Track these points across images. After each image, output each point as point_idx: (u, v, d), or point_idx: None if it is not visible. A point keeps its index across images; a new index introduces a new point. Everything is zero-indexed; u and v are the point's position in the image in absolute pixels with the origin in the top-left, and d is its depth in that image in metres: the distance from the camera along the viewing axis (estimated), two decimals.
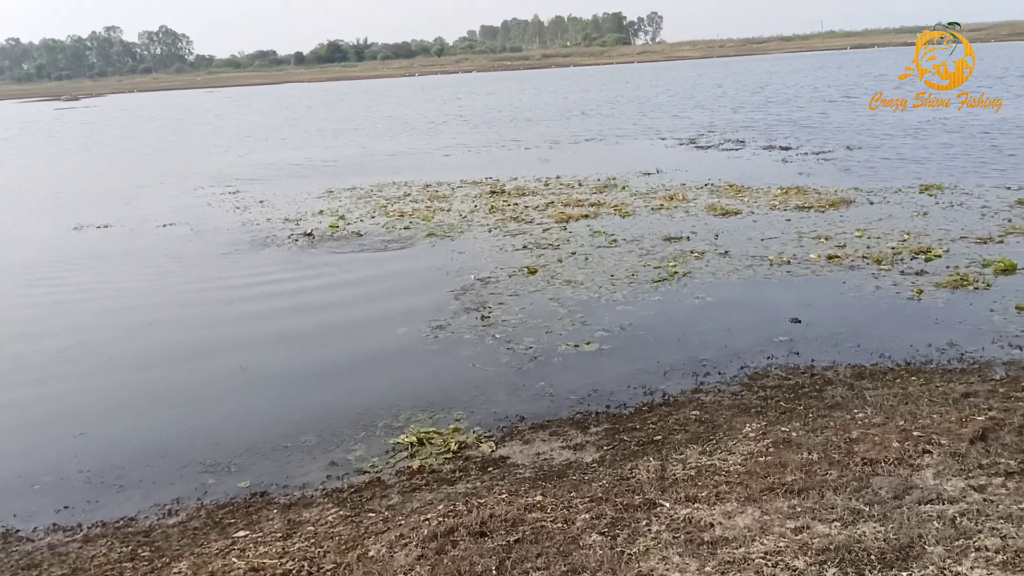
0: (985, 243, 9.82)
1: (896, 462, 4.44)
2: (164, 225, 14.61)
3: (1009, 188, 13.21)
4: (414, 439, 5.72)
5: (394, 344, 7.84)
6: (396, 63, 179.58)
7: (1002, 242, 9.81)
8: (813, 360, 6.64)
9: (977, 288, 8.12)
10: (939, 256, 9.32)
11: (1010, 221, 10.81)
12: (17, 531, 4.85)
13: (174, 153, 30.23)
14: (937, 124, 23.19)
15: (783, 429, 5.20)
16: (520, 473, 5.08)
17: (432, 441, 5.70)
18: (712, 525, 3.93)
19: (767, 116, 29.58)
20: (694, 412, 5.75)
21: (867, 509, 3.92)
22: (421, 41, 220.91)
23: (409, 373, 7.09)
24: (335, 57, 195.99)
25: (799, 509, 4.00)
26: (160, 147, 33.10)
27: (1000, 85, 35.34)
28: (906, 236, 10.34)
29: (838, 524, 3.79)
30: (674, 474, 4.66)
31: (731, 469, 4.64)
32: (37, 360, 7.99)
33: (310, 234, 12.82)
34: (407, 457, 5.52)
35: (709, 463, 4.77)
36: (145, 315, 9.28)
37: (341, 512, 4.70)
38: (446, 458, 5.43)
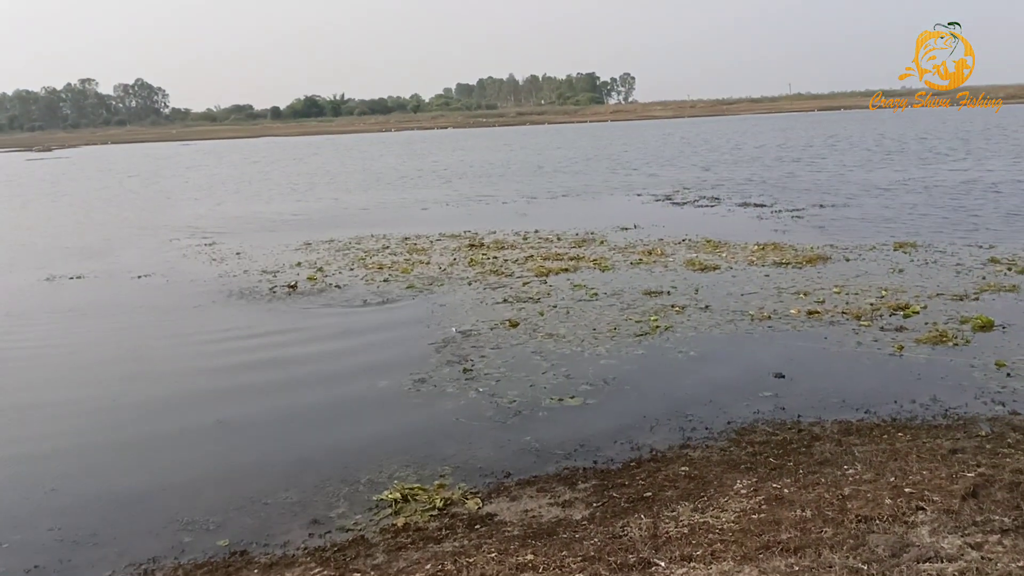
0: (962, 300, 9.96)
1: (891, 519, 4.40)
2: (139, 276, 14.40)
3: (980, 247, 13.47)
4: (398, 495, 5.59)
5: (375, 397, 7.72)
6: (373, 119, 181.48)
7: (977, 299, 9.95)
8: (799, 416, 6.62)
9: (956, 344, 8.20)
10: (917, 312, 9.43)
11: (984, 279, 10.99)
12: None
13: (147, 204, 30.02)
14: (903, 185, 23.76)
15: (775, 486, 5.15)
16: (508, 531, 4.96)
17: (417, 497, 5.57)
18: None
19: (739, 175, 30.11)
20: (683, 468, 5.68)
21: (865, 568, 3.86)
22: (398, 97, 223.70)
23: (391, 427, 6.96)
24: (312, 112, 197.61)
25: (796, 568, 3.93)
26: (133, 198, 32.88)
27: (964, 147, 36.44)
28: (884, 292, 10.47)
29: None
30: (667, 532, 4.58)
31: (725, 527, 4.56)
32: (5, 414, 7.74)
33: (294, 286, 12.68)
34: (391, 514, 5.38)
35: (702, 520, 4.70)
36: (120, 368, 9.08)
37: (325, 572, 4.55)
38: (431, 515, 5.30)
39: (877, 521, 4.38)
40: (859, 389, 7.17)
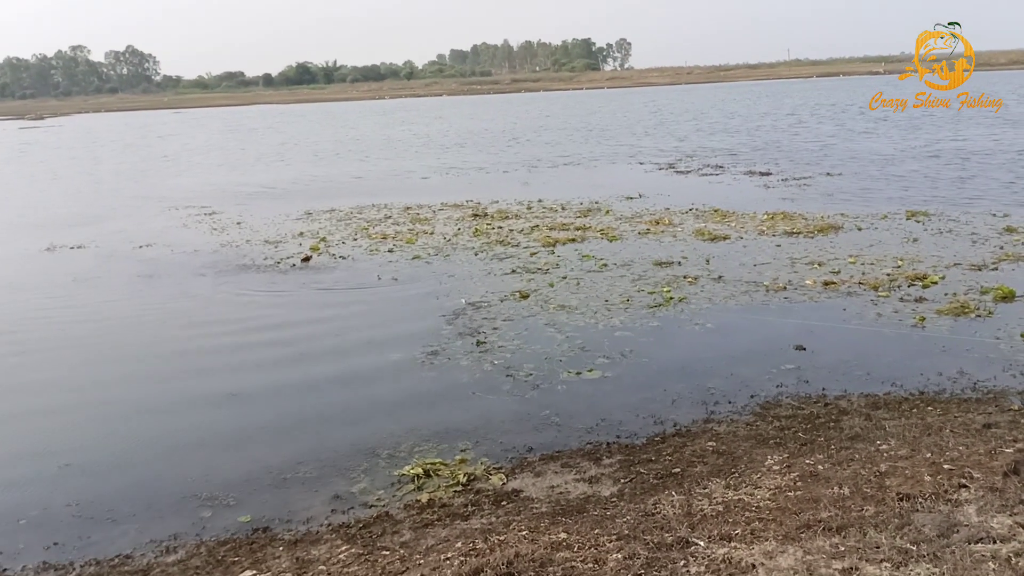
0: (980, 270, 9.83)
1: (933, 497, 4.28)
2: (140, 246, 14.17)
3: (994, 215, 13.33)
4: (420, 471, 5.47)
5: (389, 370, 7.57)
6: (365, 86, 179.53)
7: (996, 269, 9.82)
8: (824, 389, 6.50)
9: (979, 316, 8.07)
10: (935, 283, 9.30)
11: (1002, 248, 10.86)
12: (4, 570, 4.50)
13: (144, 174, 29.63)
14: (910, 152, 23.57)
15: (807, 462, 5.03)
16: (536, 508, 4.84)
17: (439, 473, 5.45)
18: (754, 566, 3.72)
19: (742, 142, 29.84)
20: (710, 443, 5.56)
21: (915, 548, 3.74)
22: (391, 64, 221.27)
23: (407, 401, 6.83)
24: (304, 79, 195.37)
25: (842, 548, 3.82)
26: (129, 168, 32.46)
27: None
28: (900, 262, 10.33)
29: (888, 565, 3.61)
30: (701, 510, 4.46)
31: (761, 504, 4.45)
32: (15, 388, 7.60)
33: (307, 259, 12.44)
34: (414, 490, 5.26)
35: (736, 498, 4.58)
36: (129, 340, 8.95)
37: (352, 550, 4.43)
38: (455, 491, 5.18)
39: (920, 499, 4.26)
40: (883, 362, 7.05)
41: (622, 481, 5.10)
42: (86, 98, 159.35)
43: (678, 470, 5.16)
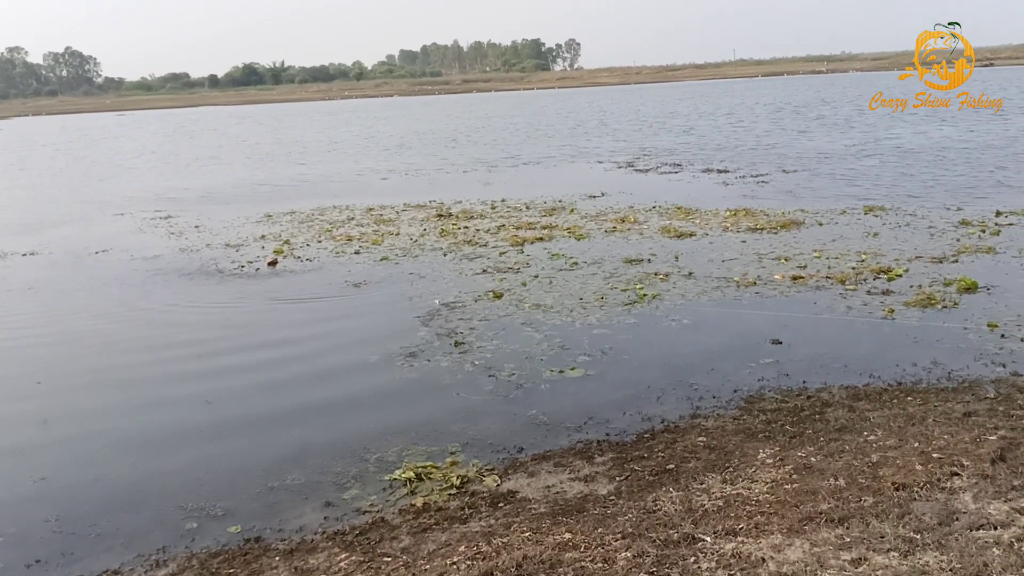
0: (941, 262, 10.08)
1: (928, 486, 4.37)
2: (96, 252, 13.77)
3: (948, 208, 13.71)
4: (411, 474, 5.40)
5: (369, 374, 7.47)
6: (314, 87, 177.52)
7: (957, 261, 10.09)
8: (805, 382, 6.60)
9: (946, 307, 8.28)
10: (899, 276, 9.51)
11: (959, 241, 11.16)
12: None
13: (90, 177, 28.86)
14: (857, 148, 24.13)
15: (799, 455, 5.09)
16: (534, 508, 4.81)
17: (431, 476, 5.39)
18: (764, 560, 3.75)
19: (696, 140, 30.22)
20: (700, 439, 5.60)
21: (919, 537, 3.81)
22: (339, 65, 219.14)
23: (390, 404, 6.74)
24: (251, 80, 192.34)
25: (848, 540, 3.87)
26: (75, 172, 31.60)
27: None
28: (863, 256, 10.55)
29: (896, 554, 3.67)
30: (702, 505, 4.48)
31: (760, 498, 4.49)
32: None
33: (273, 263, 12.20)
34: (407, 494, 5.19)
35: (735, 492, 4.61)
36: (96, 349, 8.65)
37: (352, 558, 4.35)
38: (450, 494, 5.12)
39: (915, 488, 4.34)
40: (858, 354, 7.18)
41: (618, 479, 5.09)
42: (24, 101, 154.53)
43: (672, 466, 5.18)
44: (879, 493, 4.35)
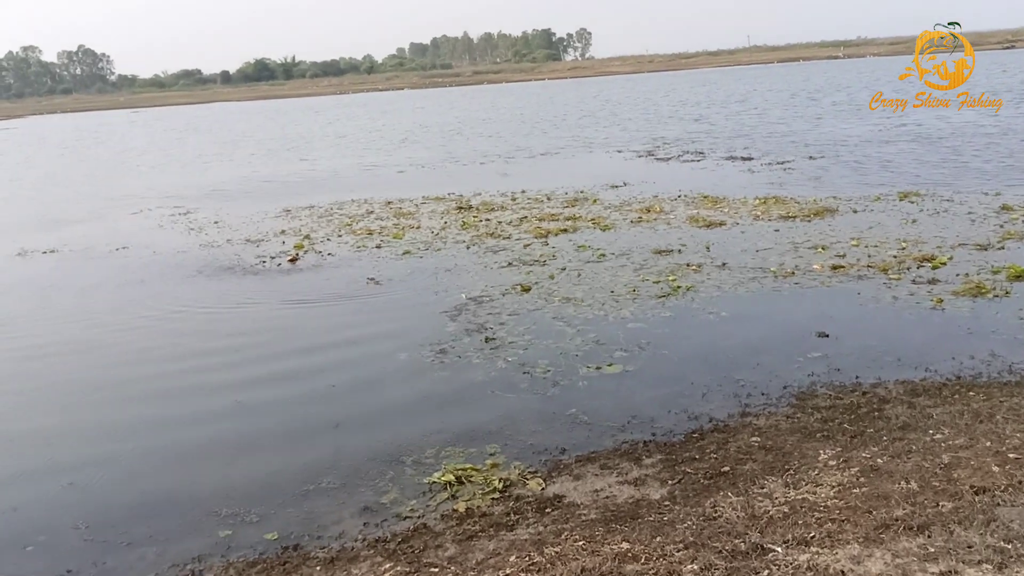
0: (986, 249, 9.73)
1: (1010, 489, 4.08)
2: (117, 249, 13.60)
3: (986, 194, 13.30)
4: (451, 477, 5.16)
5: (399, 370, 7.24)
6: (326, 81, 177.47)
7: (1003, 248, 9.73)
8: (858, 377, 6.30)
9: (996, 296, 7.94)
10: (944, 264, 9.17)
11: (1002, 227, 10.79)
12: None
13: (110, 174, 28.78)
14: (879, 133, 23.67)
15: (863, 455, 4.81)
16: (584, 515, 4.56)
17: (472, 479, 5.14)
18: (844, 573, 3.48)
19: (713, 128, 29.76)
20: (754, 439, 5.32)
21: (1011, 547, 3.53)
22: (350, 59, 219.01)
23: (423, 403, 6.50)
24: (262, 76, 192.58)
25: (932, 550, 3.59)
26: (95, 169, 31.55)
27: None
28: (904, 244, 10.20)
29: (989, 567, 3.39)
30: (766, 511, 4.21)
31: (828, 504, 4.21)
32: (2, 403, 7.13)
33: (294, 260, 11.98)
34: (448, 498, 4.95)
35: (799, 497, 4.34)
36: (121, 349, 8.44)
37: (397, 568, 4.11)
38: (493, 499, 4.88)
39: (996, 492, 4.06)
40: (911, 346, 6.87)
41: (670, 483, 4.83)
42: (39, 99, 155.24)
43: (727, 468, 4.91)
44: (958, 497, 4.07)
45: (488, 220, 14.09)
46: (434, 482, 5.14)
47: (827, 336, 7.24)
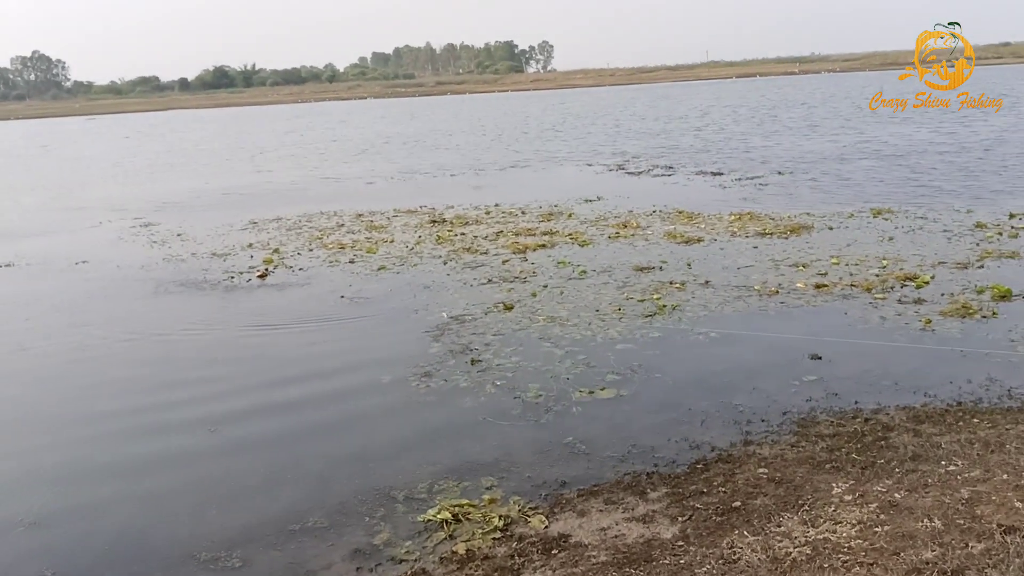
0: (966, 268, 9.74)
1: None
2: (77, 263, 13.06)
3: (958, 211, 13.42)
4: (447, 515, 4.88)
5: (383, 398, 6.93)
6: (287, 89, 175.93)
7: (982, 267, 9.75)
8: (857, 403, 6.16)
9: (984, 317, 7.91)
10: (927, 283, 9.14)
11: (979, 245, 10.84)
12: None
13: (65, 184, 27.96)
14: (846, 149, 23.99)
15: (879, 489, 4.64)
16: (594, 556, 4.32)
17: (469, 517, 4.87)
18: None
19: (682, 142, 29.92)
20: (761, 470, 5.13)
21: None
22: (311, 67, 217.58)
23: (411, 432, 6.21)
24: (221, 83, 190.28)
25: None
26: (49, 178, 30.62)
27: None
28: (884, 262, 10.18)
29: None
30: (788, 553, 4.02)
31: (852, 544, 4.03)
32: None
33: (264, 275, 11.57)
34: (446, 538, 4.67)
35: (820, 537, 4.15)
36: (85, 375, 7.98)
37: None
38: (494, 538, 4.61)
39: None
40: (906, 370, 6.77)
41: (680, 520, 4.61)
42: None
43: (738, 503, 4.71)
44: (987, 537, 3.91)
45: (463, 234, 13.84)
46: (429, 520, 4.86)
47: (820, 358, 7.12)
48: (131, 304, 10.40)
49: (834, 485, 4.77)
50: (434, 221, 15.38)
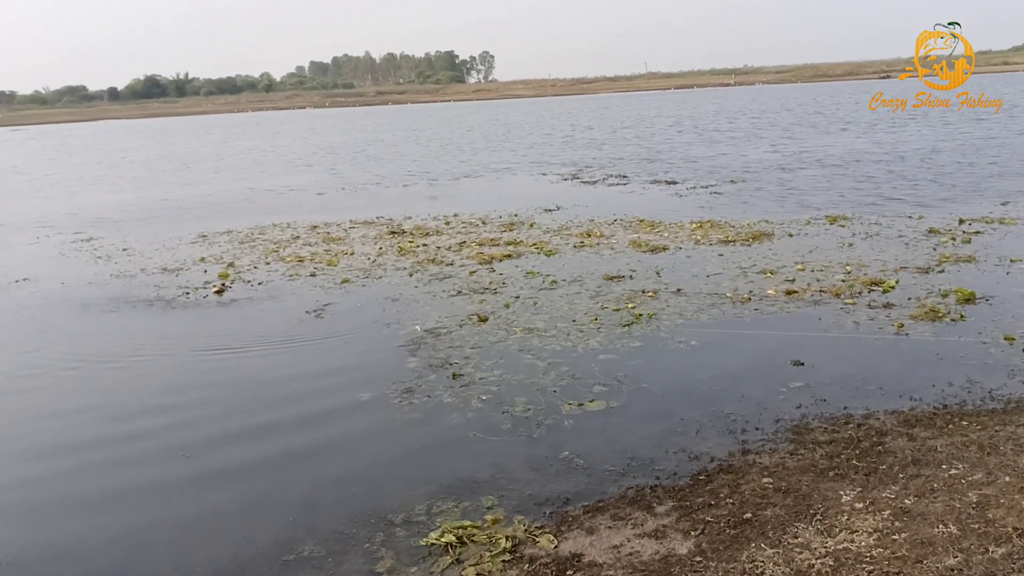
0: (927, 272, 9.96)
1: None
2: (16, 281, 12.45)
3: (910, 217, 13.79)
4: (452, 538, 4.72)
5: (365, 416, 6.71)
6: (222, 99, 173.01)
7: (943, 271, 9.99)
8: (846, 408, 6.20)
9: (953, 320, 8.07)
10: (893, 288, 9.32)
11: (935, 250, 11.13)
12: None
13: None
14: (789, 158, 24.58)
15: (887, 496, 4.65)
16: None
17: (474, 539, 4.72)
18: None
19: (632, 152, 30.22)
20: (765, 479, 5.10)
21: None
22: (247, 76, 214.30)
23: (400, 452, 6.01)
24: (153, 93, 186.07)
25: None
26: None
27: (824, 121, 38.19)
28: (848, 268, 10.36)
29: None
30: (811, 565, 3.97)
31: (873, 553, 4.01)
32: None
33: (220, 291, 11.18)
34: (452, 563, 4.50)
35: (839, 547, 4.12)
36: (39, 404, 7.53)
37: None
38: (504, 561, 4.47)
39: None
40: (887, 373, 6.85)
41: (693, 534, 4.54)
42: None
43: (749, 515, 4.66)
44: (1005, 541, 3.93)
45: (426, 245, 13.65)
46: (432, 544, 4.69)
47: (802, 364, 7.17)
48: (81, 324, 9.92)
49: (842, 493, 4.76)
50: (393, 232, 15.15)
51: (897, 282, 9.56)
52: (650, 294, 9.74)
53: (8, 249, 15.83)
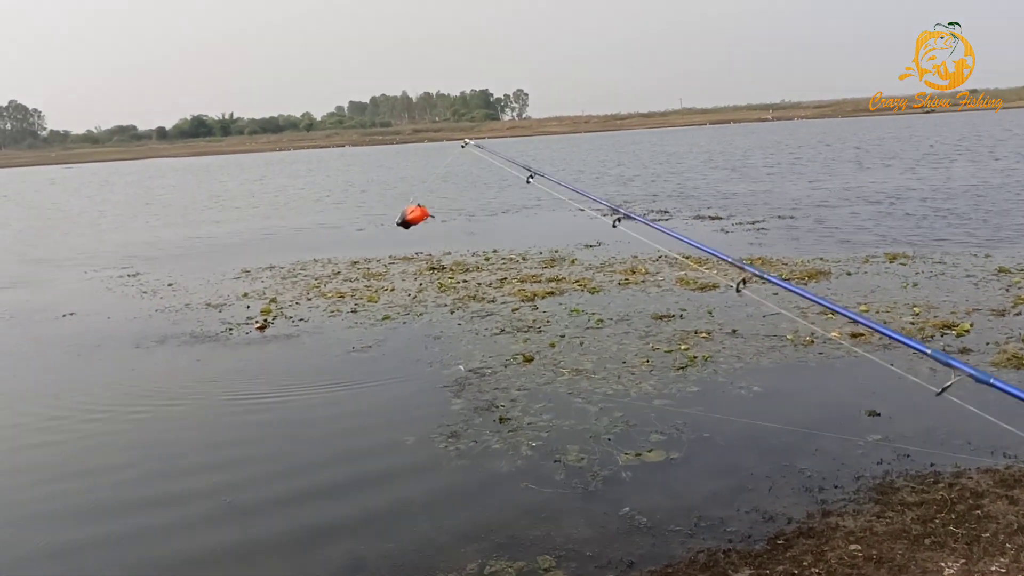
0: (1003, 315, 9.38)
1: None
2: (63, 315, 12.35)
3: (976, 255, 13.15)
4: None
5: (410, 461, 6.34)
6: (264, 138, 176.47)
7: (1020, 314, 9.40)
8: (933, 465, 5.68)
9: None
10: (968, 331, 8.76)
11: (1008, 290, 10.51)
12: None
13: (42, 233, 27.18)
14: (833, 194, 23.98)
15: (996, 570, 4.15)
16: None
17: None
18: None
19: (671, 188, 29.83)
20: (853, 546, 4.61)
21: None
22: (289, 116, 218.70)
23: (446, 501, 5.63)
24: (199, 132, 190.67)
25: None
26: (24, 227, 29.81)
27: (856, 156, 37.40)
28: (916, 309, 9.80)
29: None
30: None
31: None
32: None
33: (263, 327, 10.96)
34: None
35: None
36: (85, 437, 7.31)
37: None
38: None
39: None
40: (974, 427, 6.23)
41: None
42: None
43: None
44: None
45: (466, 282, 13.34)
46: None
47: (879, 415, 6.66)
48: (124, 362, 9.72)
49: (943, 565, 4.27)
50: (433, 268, 14.88)
51: (972, 325, 9.00)
52: (703, 335, 9.29)
53: (57, 284, 15.87)
